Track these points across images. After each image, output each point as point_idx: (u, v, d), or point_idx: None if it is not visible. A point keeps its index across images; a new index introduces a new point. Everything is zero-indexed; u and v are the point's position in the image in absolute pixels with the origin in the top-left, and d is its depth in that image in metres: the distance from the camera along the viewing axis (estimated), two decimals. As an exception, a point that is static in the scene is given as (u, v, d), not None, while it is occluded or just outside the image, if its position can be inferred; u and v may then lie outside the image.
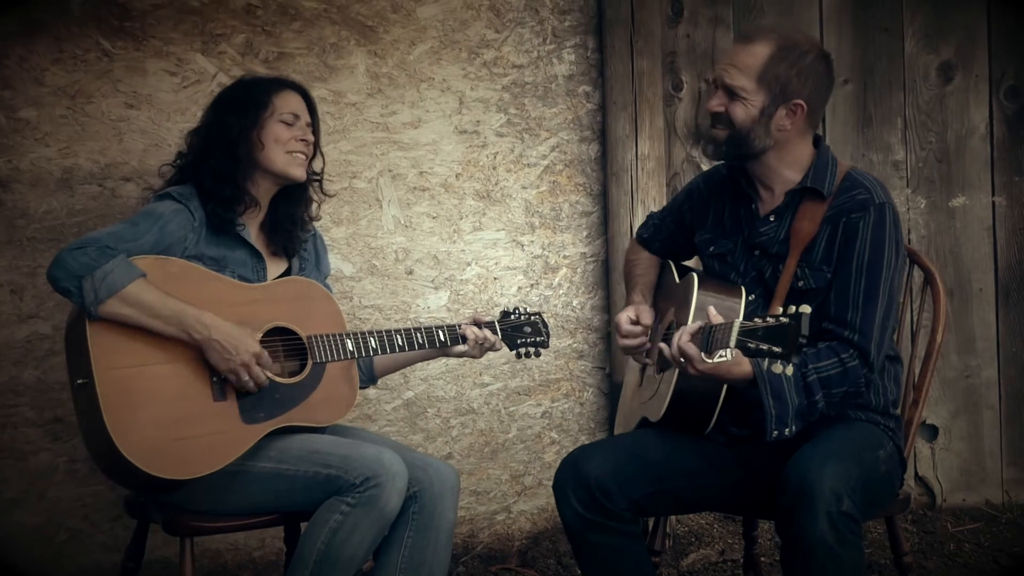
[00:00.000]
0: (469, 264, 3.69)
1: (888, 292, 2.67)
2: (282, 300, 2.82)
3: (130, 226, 2.71)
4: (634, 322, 2.88)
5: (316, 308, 2.86)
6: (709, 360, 2.51)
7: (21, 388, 3.29)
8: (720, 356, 2.50)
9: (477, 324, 2.99)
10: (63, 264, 2.62)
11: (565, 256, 3.78)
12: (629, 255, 3.13)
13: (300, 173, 2.88)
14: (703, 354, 2.52)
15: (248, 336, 2.70)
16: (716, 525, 3.88)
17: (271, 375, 2.74)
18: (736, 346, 2.41)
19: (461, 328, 2.96)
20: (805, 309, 2.33)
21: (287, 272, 2.94)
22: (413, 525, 2.75)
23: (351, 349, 2.84)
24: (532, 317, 3.08)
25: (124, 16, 3.33)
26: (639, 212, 3.69)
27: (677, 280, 2.93)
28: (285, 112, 2.85)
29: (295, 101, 2.89)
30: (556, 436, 3.80)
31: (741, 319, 2.44)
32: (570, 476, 2.73)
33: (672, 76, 3.85)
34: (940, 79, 3.99)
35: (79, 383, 2.64)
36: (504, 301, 3.70)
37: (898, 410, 2.84)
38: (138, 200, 3.33)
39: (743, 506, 2.88)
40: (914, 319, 3.56)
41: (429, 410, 3.68)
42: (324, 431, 2.84)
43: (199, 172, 2.83)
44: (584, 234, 3.79)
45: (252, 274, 2.85)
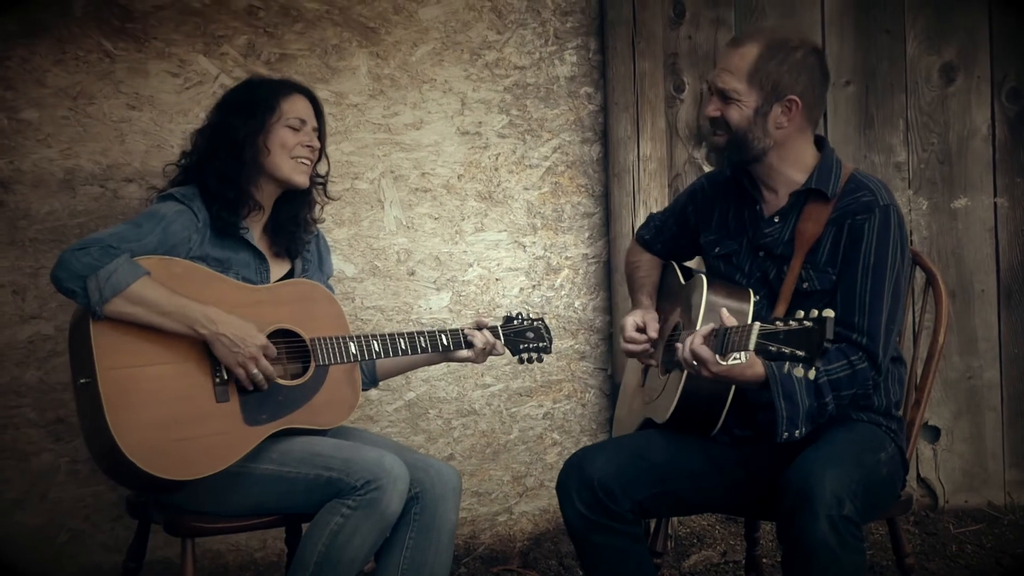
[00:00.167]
0: (471, 265, 3.69)
1: (894, 294, 2.67)
2: (285, 302, 2.82)
3: (133, 227, 2.71)
4: (640, 329, 2.88)
5: (319, 310, 2.85)
6: (723, 362, 2.51)
7: (23, 389, 3.29)
8: (734, 358, 2.49)
9: (480, 328, 2.98)
10: (66, 265, 2.62)
11: (567, 257, 3.78)
12: (630, 256, 3.13)
13: (304, 180, 2.88)
14: (717, 357, 2.52)
15: (254, 329, 2.70)
16: (718, 526, 3.88)
17: (274, 377, 2.75)
18: (756, 349, 2.39)
19: (468, 333, 2.94)
20: (828, 313, 2.32)
21: (290, 274, 2.93)
22: (414, 526, 2.75)
23: (354, 352, 2.84)
24: (535, 322, 3.07)
25: (126, 17, 3.33)
26: (641, 213, 3.68)
27: (682, 281, 2.92)
28: (292, 117, 2.85)
29: (302, 105, 2.88)
30: (558, 437, 3.80)
31: (760, 322, 2.42)
32: (574, 477, 2.73)
33: (674, 77, 3.85)
34: (942, 81, 3.99)
35: (82, 382, 2.64)
36: (506, 302, 3.70)
37: (900, 411, 2.84)
38: (140, 201, 3.32)
39: (745, 507, 2.88)
40: (916, 320, 3.56)
41: (431, 411, 3.67)
42: (326, 433, 2.84)
43: (203, 173, 2.82)
44: (586, 235, 3.79)
45: (255, 275, 2.85)
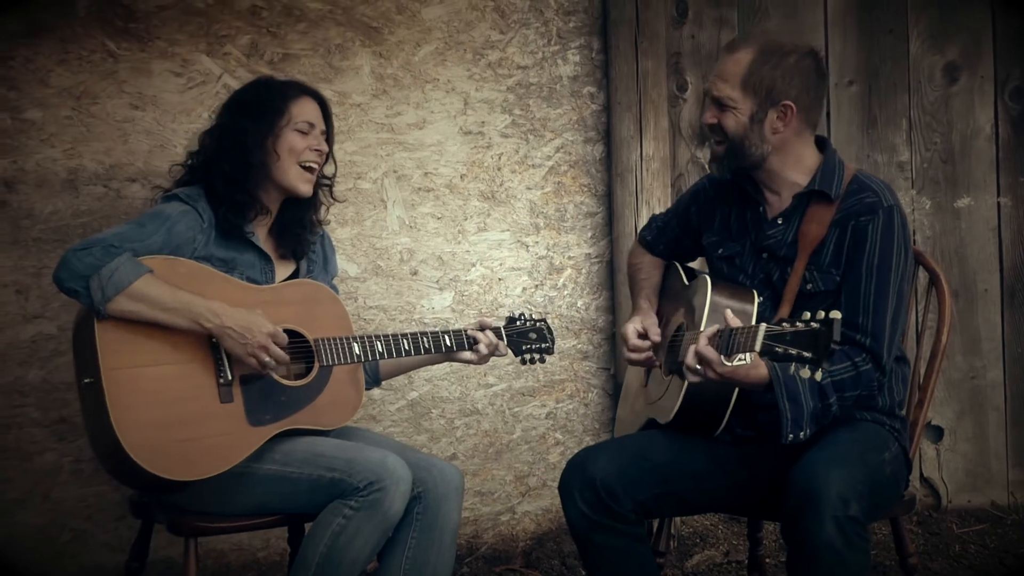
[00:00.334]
0: (474, 265, 3.69)
1: (898, 295, 2.67)
2: (290, 302, 2.81)
3: (136, 227, 2.71)
4: (642, 336, 2.88)
5: (323, 311, 2.85)
6: (728, 363, 2.51)
7: (26, 388, 3.29)
8: (739, 359, 2.49)
9: (483, 329, 2.97)
10: (68, 265, 2.62)
11: (570, 257, 3.78)
12: (632, 258, 3.12)
13: (307, 190, 2.87)
14: (722, 357, 2.52)
15: (260, 317, 2.69)
16: (721, 526, 3.88)
17: (278, 378, 2.75)
18: (762, 350, 2.39)
19: (471, 333, 2.93)
20: (835, 315, 2.31)
21: (295, 274, 2.93)
22: (417, 526, 2.75)
23: (358, 353, 2.83)
24: (538, 323, 3.06)
25: (129, 17, 3.33)
26: (644, 213, 3.68)
27: (686, 282, 2.92)
28: (301, 121, 2.84)
29: (311, 109, 2.87)
30: (560, 437, 3.80)
31: (767, 323, 2.42)
32: (576, 477, 2.73)
33: (677, 77, 3.85)
34: (945, 80, 3.99)
35: (86, 382, 2.64)
36: (509, 302, 3.70)
37: (904, 411, 2.84)
38: (143, 201, 3.33)
39: (748, 507, 2.87)
40: (919, 320, 3.56)
41: (434, 411, 3.67)
42: (328, 434, 2.84)
43: (211, 174, 2.82)
44: (589, 235, 3.79)
45: (260, 276, 2.85)
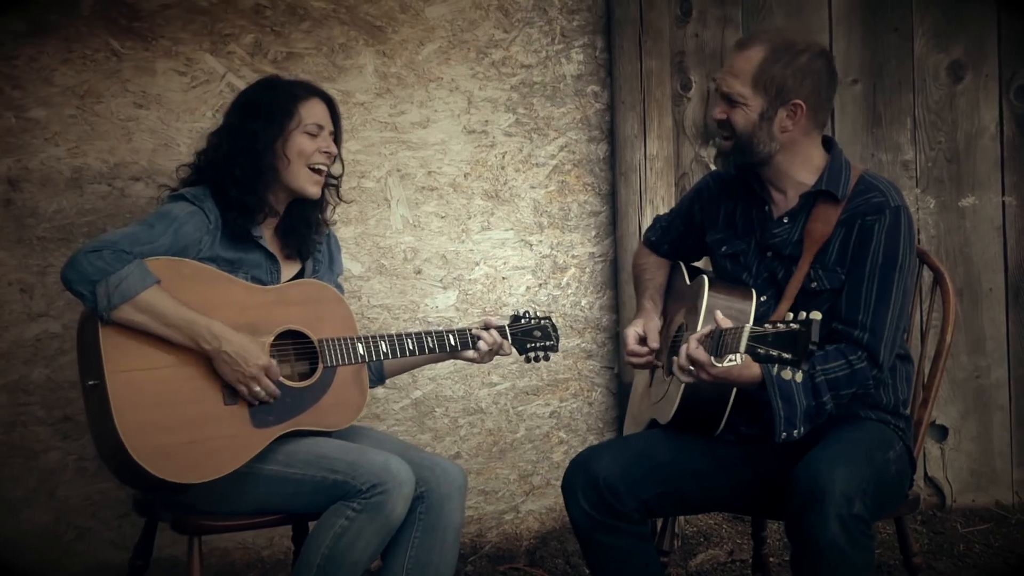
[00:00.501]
0: (477, 264, 3.69)
1: (901, 293, 2.66)
2: (294, 303, 2.81)
3: (146, 228, 2.70)
4: (641, 340, 2.88)
5: (327, 311, 2.85)
6: (719, 364, 2.51)
7: (31, 387, 3.30)
8: (730, 360, 2.49)
9: (487, 328, 2.96)
10: (78, 267, 2.61)
11: (574, 256, 3.78)
12: (637, 259, 3.12)
13: (316, 192, 2.87)
14: (713, 358, 2.52)
15: (257, 348, 2.69)
16: (725, 525, 3.87)
17: (282, 379, 2.74)
18: (746, 351, 2.40)
19: (476, 332, 2.93)
20: (816, 315, 2.32)
21: (300, 274, 2.93)
22: (420, 525, 2.75)
23: (362, 353, 2.83)
24: (542, 321, 3.05)
25: (133, 16, 3.33)
26: (648, 212, 3.68)
27: (688, 282, 2.92)
28: (310, 123, 2.83)
29: (320, 110, 2.86)
30: (564, 436, 3.80)
31: (751, 324, 2.42)
32: (579, 476, 2.73)
33: (681, 76, 3.85)
34: (950, 79, 3.98)
35: (90, 384, 2.64)
36: (512, 301, 3.70)
37: (908, 410, 2.83)
38: (147, 200, 3.33)
39: (752, 506, 2.87)
40: (923, 319, 3.56)
41: (437, 409, 3.67)
42: (332, 434, 2.84)
43: (220, 177, 2.80)
44: (592, 234, 3.79)
45: (266, 275, 2.84)
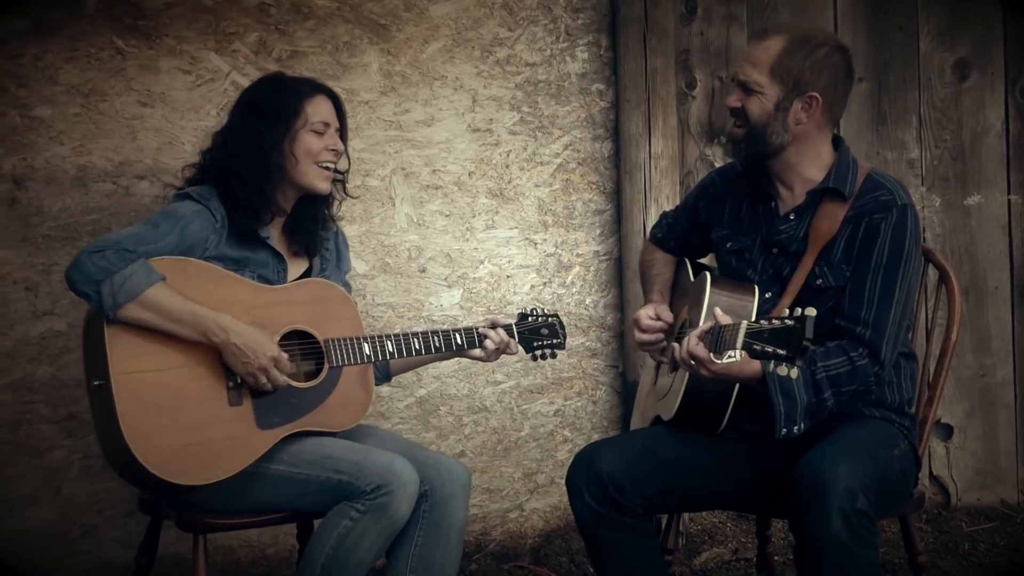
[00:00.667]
0: (482, 262, 3.69)
1: (905, 291, 2.66)
2: (300, 302, 2.81)
3: (151, 227, 2.70)
4: (654, 319, 2.88)
5: (334, 310, 2.84)
6: (719, 361, 2.51)
7: (36, 385, 3.30)
8: (730, 356, 2.49)
9: (495, 327, 2.95)
10: (82, 267, 2.61)
11: (578, 254, 3.78)
12: (644, 256, 3.12)
13: (326, 187, 2.87)
14: (712, 355, 2.52)
15: (266, 339, 2.69)
16: (729, 524, 3.87)
17: (287, 380, 2.74)
18: (743, 348, 2.40)
19: (482, 331, 2.92)
20: (810, 312, 2.32)
21: (308, 272, 2.92)
22: (424, 524, 2.75)
23: (368, 353, 2.83)
24: (550, 319, 3.04)
25: (138, 15, 3.34)
26: (652, 210, 3.68)
27: (692, 278, 2.92)
28: (316, 121, 2.82)
29: (325, 108, 2.85)
30: (569, 434, 3.80)
31: (749, 320, 2.43)
32: (583, 472, 2.73)
33: (686, 74, 3.85)
34: (955, 77, 3.97)
35: (96, 384, 2.64)
36: (517, 299, 3.70)
37: (913, 408, 2.83)
38: (152, 198, 3.33)
39: (756, 504, 2.87)
40: (929, 318, 3.54)
41: (442, 408, 3.68)
42: (337, 433, 2.84)
43: (227, 178, 2.79)
44: (597, 232, 3.78)
45: (273, 274, 2.84)
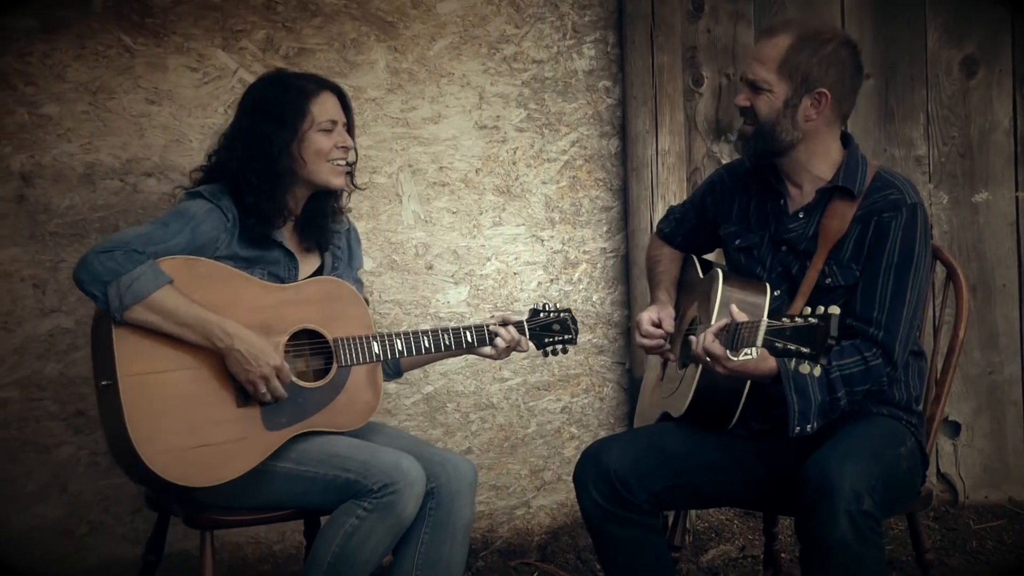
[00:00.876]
0: (489, 259, 3.69)
1: (916, 291, 2.66)
2: (310, 301, 2.80)
3: (160, 227, 2.70)
4: (655, 324, 2.87)
5: (344, 309, 2.83)
6: (735, 358, 2.51)
7: (44, 382, 3.31)
8: (746, 354, 2.49)
9: (505, 324, 2.94)
10: (89, 267, 2.61)
11: (585, 251, 3.78)
12: (651, 251, 3.12)
13: (341, 182, 2.86)
14: (728, 352, 2.52)
15: (270, 347, 2.69)
16: (736, 521, 3.87)
17: (296, 380, 2.74)
18: (763, 345, 2.40)
19: (493, 329, 2.91)
20: (834, 310, 2.32)
21: (320, 269, 2.91)
22: (430, 521, 2.75)
23: (377, 352, 2.82)
24: (562, 314, 3.02)
25: (145, 13, 3.34)
26: (659, 207, 3.68)
27: (700, 275, 2.92)
28: (323, 120, 2.80)
29: (331, 105, 2.83)
30: (576, 431, 3.80)
31: (768, 318, 2.42)
32: (590, 468, 2.73)
33: (692, 71, 3.84)
34: (963, 74, 3.96)
35: (103, 384, 2.64)
36: (524, 296, 3.70)
37: (920, 406, 2.82)
38: (159, 195, 3.34)
39: (764, 502, 2.87)
40: (936, 315, 3.54)
41: (449, 405, 3.68)
42: (344, 432, 2.84)
43: (236, 184, 2.78)
44: (604, 229, 3.78)
45: (284, 272, 2.83)
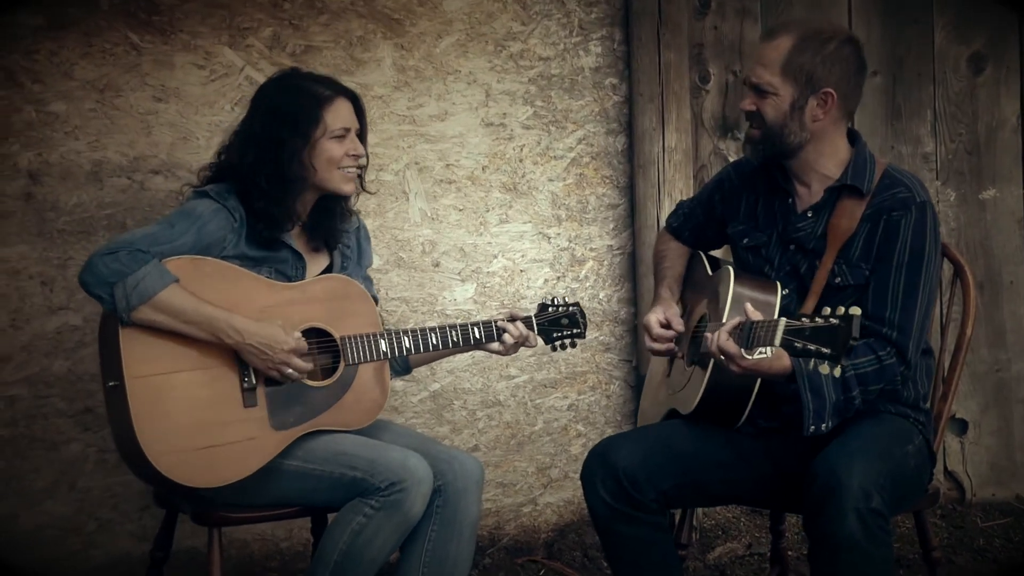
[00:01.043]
0: (496, 256, 3.69)
1: (927, 290, 2.65)
2: (317, 300, 2.80)
3: (167, 227, 2.70)
4: (664, 326, 2.87)
5: (351, 307, 2.83)
6: (750, 356, 2.50)
7: (52, 379, 3.32)
8: (761, 353, 2.48)
9: (513, 320, 2.94)
10: (94, 270, 2.61)
11: (592, 249, 3.77)
12: (658, 245, 3.11)
13: (351, 188, 2.85)
14: (743, 351, 2.51)
15: (280, 332, 2.69)
16: (743, 519, 3.87)
17: (303, 379, 2.74)
18: (781, 345, 2.39)
19: (501, 325, 2.91)
20: (855, 311, 2.31)
21: (328, 268, 2.91)
22: (437, 519, 2.75)
23: (384, 350, 2.82)
24: (570, 308, 3.01)
25: (152, 10, 3.34)
26: (666, 205, 3.67)
27: (709, 272, 2.91)
28: (337, 127, 2.79)
29: (345, 112, 2.82)
30: (582, 429, 3.80)
31: (786, 317, 2.41)
32: (598, 466, 2.73)
33: (699, 68, 3.84)
34: (970, 71, 3.96)
35: (111, 385, 2.65)
36: (531, 293, 3.70)
37: (928, 404, 2.82)
38: (167, 193, 3.34)
39: (771, 500, 2.86)
40: (944, 312, 3.54)
41: (455, 402, 3.68)
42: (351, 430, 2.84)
43: (246, 187, 2.77)
44: (611, 227, 3.78)
45: (291, 270, 2.83)
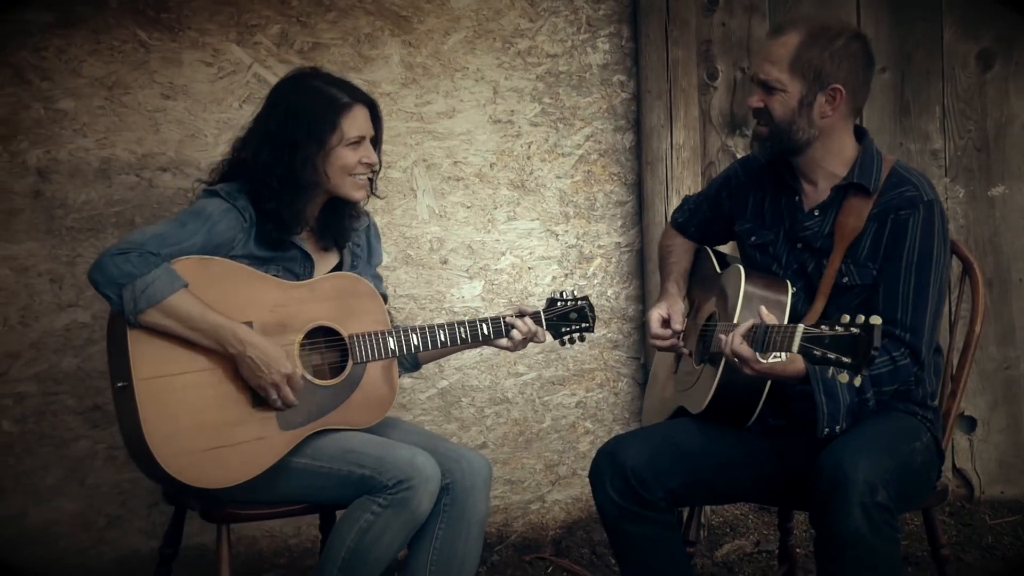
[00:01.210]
0: (503, 254, 3.69)
1: (937, 290, 2.64)
2: (326, 298, 2.80)
3: (178, 226, 2.69)
4: (665, 323, 2.87)
5: (359, 305, 2.83)
6: (764, 360, 2.49)
7: (61, 376, 3.32)
8: (775, 356, 2.47)
9: (522, 315, 2.93)
10: (104, 270, 2.61)
11: (600, 246, 3.77)
12: (664, 240, 3.11)
13: (362, 195, 2.84)
14: (758, 355, 2.50)
15: (282, 354, 2.69)
16: (751, 516, 3.87)
17: (311, 379, 2.74)
18: (800, 352, 2.38)
19: (509, 321, 2.90)
20: (875, 320, 2.29)
21: (338, 267, 2.90)
22: (445, 517, 2.75)
23: (392, 348, 2.82)
24: (579, 302, 3.00)
25: (160, 7, 3.35)
26: (674, 201, 3.67)
27: (718, 269, 2.90)
28: (352, 135, 2.78)
29: (362, 119, 2.81)
30: (590, 426, 3.80)
31: (804, 324, 2.40)
32: (607, 465, 2.73)
33: (707, 65, 3.83)
34: (979, 67, 3.95)
35: (119, 386, 2.65)
36: (539, 291, 3.70)
37: (936, 401, 2.81)
38: (175, 190, 3.35)
39: (778, 498, 2.86)
40: (952, 310, 3.53)
41: (463, 399, 3.68)
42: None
43: (258, 187, 2.77)
44: (619, 224, 3.78)
45: (299, 268, 2.83)
